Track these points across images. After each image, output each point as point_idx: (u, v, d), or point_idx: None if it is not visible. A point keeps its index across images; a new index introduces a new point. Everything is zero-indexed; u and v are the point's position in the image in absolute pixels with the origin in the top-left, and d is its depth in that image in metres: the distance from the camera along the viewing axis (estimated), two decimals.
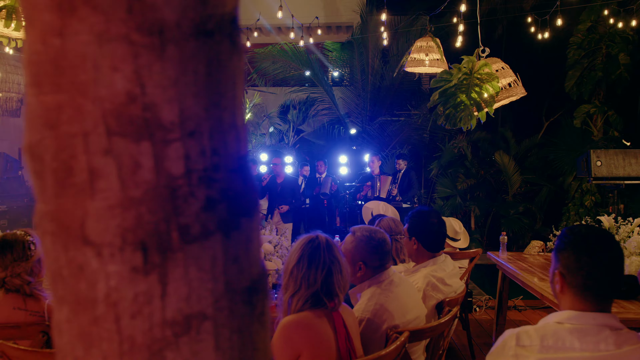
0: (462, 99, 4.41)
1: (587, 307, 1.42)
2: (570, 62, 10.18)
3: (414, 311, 2.15)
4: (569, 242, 1.47)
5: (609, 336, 1.36)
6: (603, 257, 1.43)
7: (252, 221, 0.60)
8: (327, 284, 1.77)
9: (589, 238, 1.47)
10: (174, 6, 0.51)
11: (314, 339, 1.70)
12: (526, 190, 10.11)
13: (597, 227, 1.53)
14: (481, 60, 4.48)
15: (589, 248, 1.45)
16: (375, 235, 2.19)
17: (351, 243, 2.22)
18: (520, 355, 1.39)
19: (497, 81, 4.43)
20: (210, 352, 0.56)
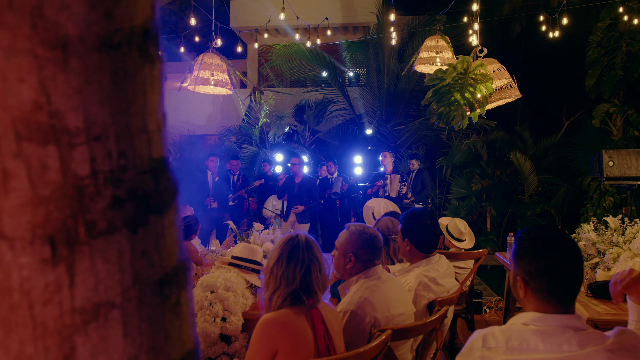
0: (457, 97, 4.41)
1: (551, 309, 1.43)
2: (589, 60, 10.02)
3: (399, 307, 2.18)
4: (528, 249, 1.48)
5: (572, 337, 1.37)
6: (564, 262, 1.44)
7: (163, 218, 0.65)
8: (305, 281, 1.82)
9: (547, 243, 1.47)
10: (78, 22, 0.56)
11: (291, 336, 1.74)
12: (543, 190, 9.98)
13: (553, 228, 1.52)
14: (477, 61, 4.47)
15: (549, 254, 1.45)
16: (367, 231, 2.24)
17: (344, 236, 2.28)
18: (486, 356, 1.41)
19: (492, 82, 4.42)
20: (119, 338, 0.61)
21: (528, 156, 10.30)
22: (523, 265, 1.47)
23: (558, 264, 1.43)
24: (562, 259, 1.43)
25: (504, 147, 10.62)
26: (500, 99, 4.84)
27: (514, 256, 1.51)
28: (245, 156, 9.67)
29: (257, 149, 9.96)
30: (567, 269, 1.43)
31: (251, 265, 3.02)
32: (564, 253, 1.44)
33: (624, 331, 1.40)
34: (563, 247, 1.45)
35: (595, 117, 9.80)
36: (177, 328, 0.67)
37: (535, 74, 14.87)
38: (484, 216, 9.96)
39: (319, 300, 1.86)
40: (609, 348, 1.33)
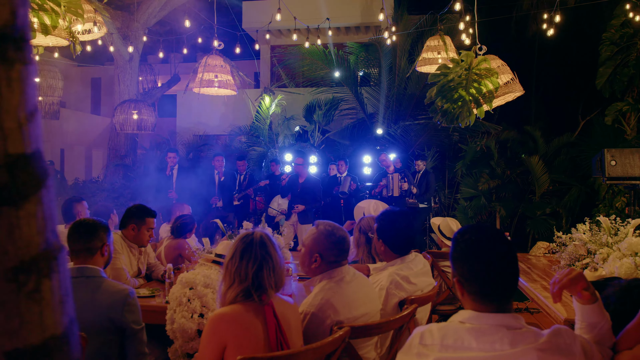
0: (462, 94, 4.38)
1: (487, 309, 1.44)
2: (602, 58, 9.84)
3: (362, 308, 2.19)
4: (462, 251, 1.48)
5: (504, 336, 1.38)
6: (495, 265, 1.43)
7: (18, 210, 0.69)
8: (258, 278, 1.85)
9: (479, 245, 1.46)
10: None
11: (240, 331, 1.78)
12: (554, 190, 9.84)
13: (487, 229, 1.50)
14: (479, 57, 4.44)
15: (480, 257, 1.45)
16: (336, 232, 2.26)
17: (312, 235, 2.30)
18: (422, 353, 1.43)
19: (497, 77, 4.38)
20: None
21: (539, 156, 10.18)
22: (457, 268, 1.48)
23: (489, 267, 1.43)
24: (493, 262, 1.43)
25: (515, 147, 10.52)
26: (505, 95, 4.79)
27: (450, 258, 1.52)
28: (253, 156, 9.75)
29: (265, 149, 10.03)
30: (499, 272, 1.43)
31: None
32: (495, 256, 1.44)
33: (560, 330, 1.40)
34: (494, 250, 1.45)
35: (608, 115, 9.62)
36: (35, 314, 0.71)
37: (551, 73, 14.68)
38: (494, 216, 9.87)
39: (271, 297, 1.89)
40: (540, 347, 1.34)
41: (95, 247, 2.27)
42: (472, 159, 9.87)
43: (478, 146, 9.72)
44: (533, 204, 9.56)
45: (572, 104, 13.49)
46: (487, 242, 1.46)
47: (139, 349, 2.17)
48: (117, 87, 11.42)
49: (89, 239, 2.26)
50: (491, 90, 4.33)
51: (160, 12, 11.91)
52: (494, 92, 4.36)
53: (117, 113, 9.27)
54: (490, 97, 4.37)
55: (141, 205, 3.54)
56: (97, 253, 2.28)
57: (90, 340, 2.07)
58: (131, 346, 2.16)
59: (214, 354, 1.78)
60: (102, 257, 2.30)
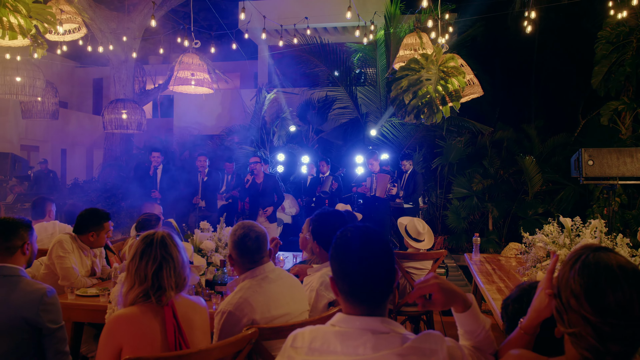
0: (429, 90, 4.32)
1: (356, 311, 1.41)
2: (597, 57, 9.69)
3: (283, 308, 2.17)
4: (336, 248, 1.44)
5: (368, 340, 1.34)
6: (367, 264, 1.39)
7: None
8: (157, 278, 1.83)
9: (351, 244, 1.43)
10: None
11: (136, 333, 1.76)
12: (548, 189, 9.72)
13: (365, 228, 1.46)
14: (447, 55, 4.38)
15: (353, 255, 1.41)
16: (236, 232, 2.23)
17: (230, 236, 2.28)
18: (291, 356, 1.40)
19: (464, 76, 4.33)
20: None
21: (535, 155, 10.07)
22: (332, 265, 1.45)
23: (359, 266, 1.39)
24: (364, 262, 1.39)
25: (511, 146, 10.41)
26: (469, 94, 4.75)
27: (329, 257, 1.49)
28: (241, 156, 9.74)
29: (256, 149, 10.03)
30: (369, 271, 1.39)
31: None
32: (367, 256, 1.40)
33: (429, 335, 1.37)
34: (367, 250, 1.41)
35: (604, 115, 9.47)
36: None
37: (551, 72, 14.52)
38: (486, 216, 9.78)
39: (172, 298, 1.87)
40: (400, 352, 1.31)
41: (15, 245, 2.26)
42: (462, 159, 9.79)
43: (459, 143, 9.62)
44: (526, 203, 9.45)
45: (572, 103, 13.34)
46: (361, 242, 1.42)
47: (58, 347, 2.16)
48: (112, 88, 11.49)
49: (9, 237, 2.26)
50: (457, 90, 4.28)
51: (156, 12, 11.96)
52: (460, 91, 4.31)
53: (106, 112, 9.32)
54: (457, 96, 4.33)
55: (94, 210, 3.55)
56: (18, 252, 2.27)
57: (4, 339, 2.07)
58: (49, 345, 2.15)
59: (111, 355, 1.76)
60: (23, 256, 2.30)
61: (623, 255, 1.30)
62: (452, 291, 1.45)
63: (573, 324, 1.21)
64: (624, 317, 1.16)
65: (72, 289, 3.14)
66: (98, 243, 3.50)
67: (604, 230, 3.25)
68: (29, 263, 2.36)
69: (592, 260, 1.23)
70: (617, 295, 1.17)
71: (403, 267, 4.14)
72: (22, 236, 2.30)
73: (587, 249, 1.29)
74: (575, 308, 1.21)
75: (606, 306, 1.17)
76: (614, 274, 1.19)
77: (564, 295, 1.25)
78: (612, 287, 1.18)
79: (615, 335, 1.17)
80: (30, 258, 2.35)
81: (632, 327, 1.17)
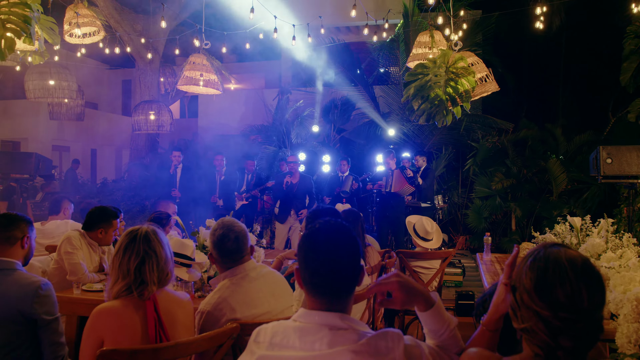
0: (438, 93, 4.29)
1: (316, 305, 1.41)
2: (625, 52, 9.39)
3: (264, 306, 2.18)
4: (303, 239, 1.46)
5: (325, 336, 1.35)
6: (330, 259, 1.40)
7: None
8: (140, 273, 1.88)
9: (318, 234, 1.44)
10: None
11: (116, 326, 1.81)
12: (573, 189, 9.48)
13: (334, 222, 1.46)
14: (456, 54, 4.34)
15: (316, 246, 1.42)
16: (215, 232, 2.25)
17: (209, 235, 2.31)
18: (253, 351, 1.42)
19: (473, 76, 4.28)
20: None
21: (560, 154, 9.84)
22: (298, 257, 1.46)
23: (321, 258, 1.40)
24: (326, 255, 1.40)
25: (536, 145, 10.20)
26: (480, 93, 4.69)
27: (297, 247, 1.51)
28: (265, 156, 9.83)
29: (277, 149, 10.10)
30: (330, 265, 1.40)
31: (179, 260, 3.11)
32: (329, 250, 1.40)
33: (386, 333, 1.37)
34: (330, 244, 1.41)
35: (632, 112, 9.19)
36: None
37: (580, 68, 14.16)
38: (509, 216, 9.61)
39: (154, 292, 1.91)
40: (354, 349, 1.31)
41: (15, 237, 2.35)
42: (485, 157, 9.63)
43: (490, 144, 9.47)
44: (550, 203, 9.24)
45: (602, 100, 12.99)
46: (328, 236, 1.43)
47: (52, 338, 2.24)
48: (137, 89, 11.74)
49: (9, 228, 2.35)
50: (467, 90, 4.23)
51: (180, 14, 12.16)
52: (470, 91, 4.26)
53: (134, 114, 9.55)
54: (467, 96, 4.28)
55: (104, 208, 3.64)
56: (17, 244, 2.36)
57: (1, 331, 2.15)
58: (44, 336, 2.23)
59: (92, 348, 1.81)
60: (22, 250, 2.38)
61: (576, 250, 1.29)
62: (413, 289, 1.44)
63: (526, 319, 1.22)
64: (573, 310, 1.17)
65: (79, 284, 3.23)
66: (106, 240, 3.59)
67: (610, 230, 3.15)
68: (26, 260, 2.44)
69: (542, 255, 1.24)
70: (565, 288, 1.17)
71: (411, 266, 4.11)
72: (22, 229, 2.39)
73: (542, 245, 1.29)
74: (527, 303, 1.21)
75: (555, 300, 1.17)
76: (562, 267, 1.20)
77: (518, 291, 1.25)
78: (560, 280, 1.18)
79: (566, 330, 1.17)
80: (27, 253, 2.43)
81: (582, 321, 1.17)
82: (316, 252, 1.40)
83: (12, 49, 3.60)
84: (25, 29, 3.59)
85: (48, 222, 4.43)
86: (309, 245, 1.43)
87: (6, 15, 3.54)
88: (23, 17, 3.56)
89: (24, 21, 3.58)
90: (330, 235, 1.42)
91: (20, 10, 3.59)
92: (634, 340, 2.22)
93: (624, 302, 2.36)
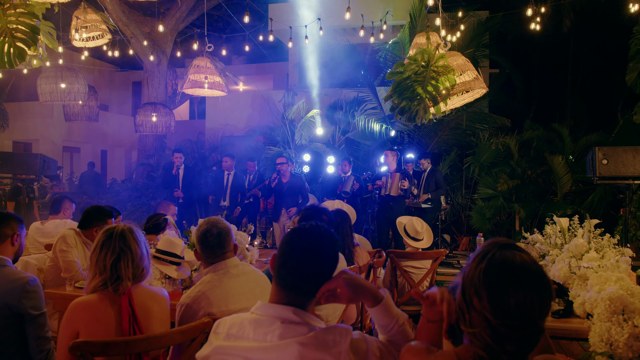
0: (419, 91, 4.30)
1: (276, 298, 1.48)
2: (632, 52, 9.34)
3: (241, 303, 2.25)
4: (288, 232, 1.55)
5: (277, 328, 1.42)
6: (300, 255, 1.47)
7: None
8: (115, 268, 1.96)
9: (298, 234, 1.52)
10: None
11: (91, 319, 1.89)
12: (578, 190, 9.42)
13: (317, 226, 1.54)
14: (438, 54, 4.35)
15: (293, 242, 1.50)
16: (200, 228, 2.32)
17: (195, 231, 2.39)
18: (211, 341, 1.51)
19: (453, 74, 4.28)
20: None
21: (566, 155, 9.79)
22: (278, 248, 1.54)
23: (289, 252, 1.48)
24: (296, 249, 1.48)
25: (541, 146, 10.16)
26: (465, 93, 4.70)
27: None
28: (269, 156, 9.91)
29: (282, 149, 10.17)
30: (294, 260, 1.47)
31: (169, 258, 3.19)
32: (303, 247, 1.48)
33: (335, 328, 1.43)
34: (304, 239, 1.50)
35: (637, 113, 9.13)
36: None
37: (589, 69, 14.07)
38: (513, 217, 9.58)
39: (129, 287, 1.99)
40: (302, 341, 1.38)
41: (5, 234, 2.44)
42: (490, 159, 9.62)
43: (493, 144, 9.46)
44: (554, 204, 9.20)
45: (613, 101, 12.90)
46: (308, 234, 1.51)
47: (38, 332, 2.33)
48: (145, 91, 11.90)
49: (0, 226, 2.44)
50: (448, 88, 4.24)
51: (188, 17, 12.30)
52: (450, 89, 4.27)
53: (137, 115, 9.69)
54: (447, 95, 4.29)
55: (99, 207, 3.72)
56: (7, 241, 2.45)
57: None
58: (31, 330, 2.31)
59: (68, 341, 1.89)
60: (12, 247, 2.47)
61: (529, 254, 1.28)
62: (359, 286, 1.49)
63: (474, 324, 1.21)
64: (522, 319, 1.16)
65: (73, 281, 3.32)
66: None
67: (593, 231, 3.17)
68: (16, 256, 2.53)
69: (498, 258, 1.21)
70: (518, 297, 1.16)
71: (402, 266, 4.15)
72: (12, 226, 2.48)
73: (494, 245, 1.27)
74: (477, 307, 1.20)
75: (507, 308, 1.16)
76: (517, 275, 1.18)
77: (468, 293, 1.23)
78: (514, 289, 1.17)
79: (513, 337, 1.17)
80: (17, 251, 2.52)
81: (530, 329, 1.17)
82: (291, 248, 1.49)
83: (22, 57, 3.70)
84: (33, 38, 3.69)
85: (48, 222, 4.54)
86: (289, 239, 1.51)
87: (15, 25, 3.65)
88: (31, 27, 3.66)
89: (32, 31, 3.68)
90: (310, 236, 1.50)
91: (27, 20, 3.69)
92: (605, 339, 2.25)
93: (598, 302, 2.39)
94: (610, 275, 2.55)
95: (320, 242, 1.50)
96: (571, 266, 3.00)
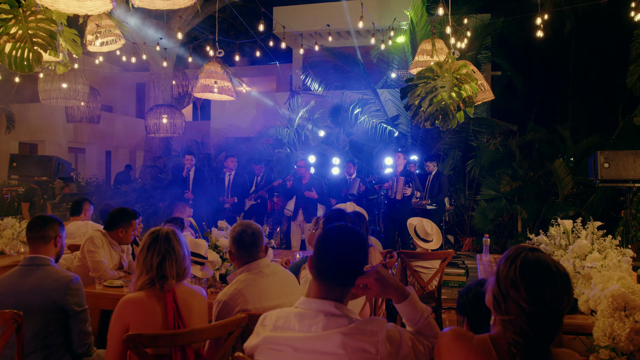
0: (443, 97, 4.48)
1: (317, 294, 1.66)
2: (632, 56, 9.51)
3: (274, 300, 2.42)
4: (320, 236, 1.73)
5: (321, 320, 1.60)
6: (333, 250, 1.65)
7: None
8: (160, 268, 2.14)
9: (331, 232, 1.70)
10: None
11: (140, 314, 2.07)
12: (579, 192, 9.60)
13: (347, 226, 1.71)
14: (460, 62, 4.53)
15: (328, 240, 1.68)
16: (235, 229, 2.50)
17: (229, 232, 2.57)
18: (259, 332, 1.70)
19: (476, 82, 4.47)
20: None
21: (567, 157, 9.96)
22: (314, 248, 1.71)
23: (327, 250, 1.66)
24: (332, 248, 1.65)
25: (543, 148, 10.34)
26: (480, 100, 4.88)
27: (315, 241, 1.75)
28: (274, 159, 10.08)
29: (289, 152, 10.34)
30: (332, 257, 1.65)
31: (194, 258, 3.36)
32: (336, 243, 1.66)
33: (373, 319, 1.61)
34: (340, 239, 1.67)
35: (638, 115, 9.30)
36: None
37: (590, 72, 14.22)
38: (515, 218, 9.76)
39: (174, 285, 2.17)
40: (345, 331, 1.56)
41: (49, 236, 2.62)
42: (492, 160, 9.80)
43: (492, 145, 9.63)
44: (556, 206, 9.37)
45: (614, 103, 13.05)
46: (340, 232, 1.69)
47: (81, 327, 2.51)
48: (152, 92, 12.06)
49: (44, 228, 2.62)
50: (470, 96, 4.42)
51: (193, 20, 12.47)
52: (473, 97, 4.45)
53: (148, 117, 9.84)
54: (471, 102, 4.47)
55: (124, 209, 3.90)
56: (51, 242, 2.63)
57: (37, 319, 2.42)
58: (74, 325, 2.50)
59: (119, 334, 2.07)
60: (54, 247, 2.65)
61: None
62: (387, 283, 1.67)
63: (510, 312, 1.41)
64: (554, 308, 1.38)
65: (101, 280, 3.49)
66: (126, 239, 3.85)
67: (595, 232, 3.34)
68: (58, 257, 2.70)
69: (532, 258, 1.43)
70: (552, 290, 1.38)
71: (412, 265, 4.33)
72: (55, 229, 2.66)
73: (522, 248, 1.49)
74: (513, 297, 1.40)
75: (542, 298, 1.38)
76: (550, 272, 1.40)
77: (504, 285, 1.43)
78: (550, 282, 1.39)
79: (545, 323, 1.39)
80: (59, 252, 2.69)
81: (558, 317, 1.40)
82: (327, 243, 1.66)
83: (39, 61, 3.87)
84: (51, 43, 3.86)
85: (70, 223, 4.71)
86: (324, 236, 1.69)
87: (34, 31, 3.82)
88: (49, 32, 3.84)
89: (50, 36, 3.86)
90: (342, 234, 1.68)
91: (46, 26, 3.87)
92: (608, 334, 2.42)
93: (602, 299, 2.56)
94: (612, 274, 2.72)
95: (352, 235, 1.69)
96: (575, 266, 3.17)
